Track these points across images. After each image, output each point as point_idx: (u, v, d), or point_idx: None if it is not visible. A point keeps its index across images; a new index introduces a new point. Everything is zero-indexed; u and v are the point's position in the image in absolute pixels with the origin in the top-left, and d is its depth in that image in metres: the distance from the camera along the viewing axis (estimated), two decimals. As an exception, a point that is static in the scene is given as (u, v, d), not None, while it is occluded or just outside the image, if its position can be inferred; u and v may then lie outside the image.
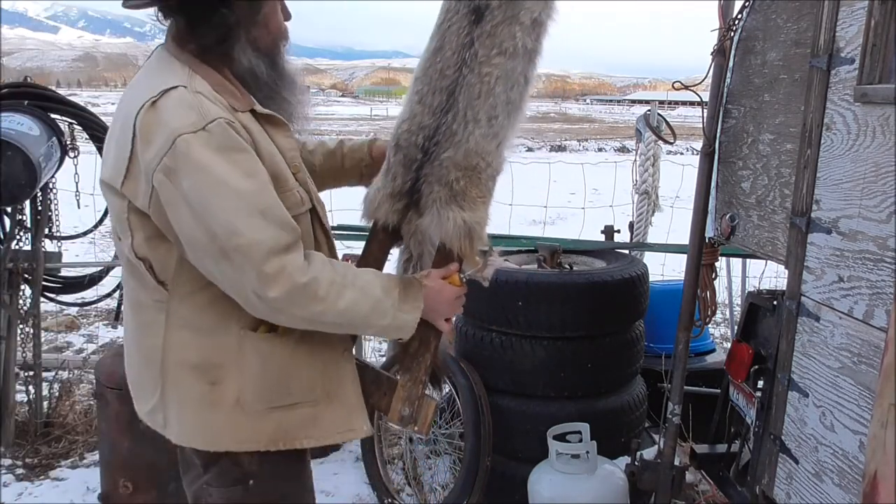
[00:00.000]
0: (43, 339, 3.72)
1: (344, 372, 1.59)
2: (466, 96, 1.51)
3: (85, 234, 4.05)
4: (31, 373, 3.50)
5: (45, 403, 3.54)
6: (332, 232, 1.66)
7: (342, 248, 2.51)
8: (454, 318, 1.66)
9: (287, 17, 1.55)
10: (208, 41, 1.43)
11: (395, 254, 1.76)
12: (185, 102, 1.35)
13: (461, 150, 1.52)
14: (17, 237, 3.48)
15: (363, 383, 1.64)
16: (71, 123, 3.60)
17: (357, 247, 2.58)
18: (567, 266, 3.04)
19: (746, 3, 2.23)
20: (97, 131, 3.66)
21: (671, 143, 2.87)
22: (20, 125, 3.23)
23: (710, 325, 3.42)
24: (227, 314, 1.45)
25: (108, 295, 4.17)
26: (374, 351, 4.51)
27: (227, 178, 1.33)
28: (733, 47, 2.27)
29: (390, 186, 1.60)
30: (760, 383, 2.16)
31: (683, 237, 2.59)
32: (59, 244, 3.77)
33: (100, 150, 3.72)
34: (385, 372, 1.71)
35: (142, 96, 1.37)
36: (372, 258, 1.71)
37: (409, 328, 1.52)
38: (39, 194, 3.51)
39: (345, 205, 2.42)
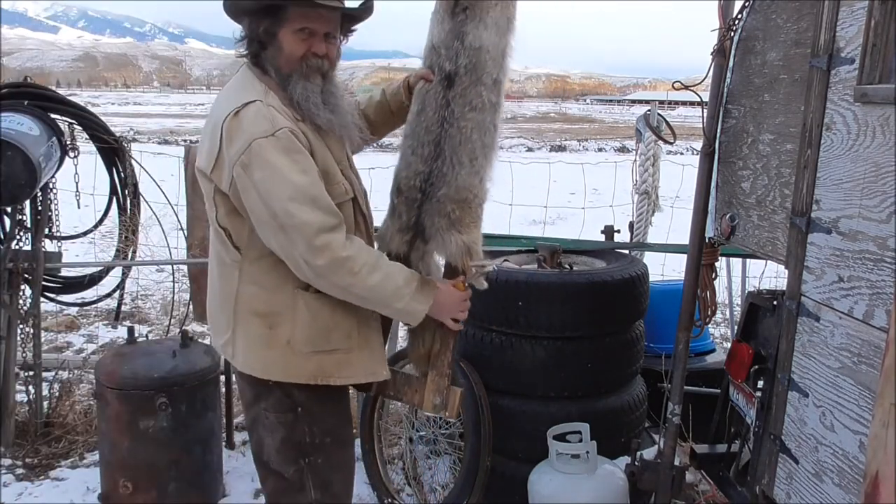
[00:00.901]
0: (43, 339, 3.72)
1: (373, 327, 1.96)
2: (450, 146, 1.89)
3: (85, 234, 4.06)
4: (31, 373, 3.50)
5: (45, 403, 3.55)
6: None
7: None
8: (462, 321, 1.99)
9: (317, 48, 1.83)
10: (251, 50, 1.84)
11: None
12: (261, 114, 1.74)
13: (453, 187, 1.89)
14: (17, 237, 3.48)
15: (396, 386, 2.06)
16: (71, 123, 3.60)
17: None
18: (567, 266, 3.04)
19: (746, 3, 2.23)
20: (97, 131, 3.66)
21: (671, 143, 2.87)
22: (20, 125, 3.23)
23: (710, 325, 3.42)
24: (285, 276, 1.83)
25: (108, 295, 4.17)
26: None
27: (287, 173, 1.71)
28: (733, 47, 2.27)
29: (398, 223, 1.96)
30: (760, 383, 2.16)
31: (683, 237, 2.59)
32: (59, 244, 3.77)
33: (100, 150, 3.75)
34: (414, 373, 2.08)
35: (228, 106, 1.77)
36: None
37: (418, 316, 1.88)
38: (39, 194, 3.51)
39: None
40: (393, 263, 1.87)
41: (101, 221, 3.97)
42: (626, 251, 3.39)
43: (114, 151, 3.76)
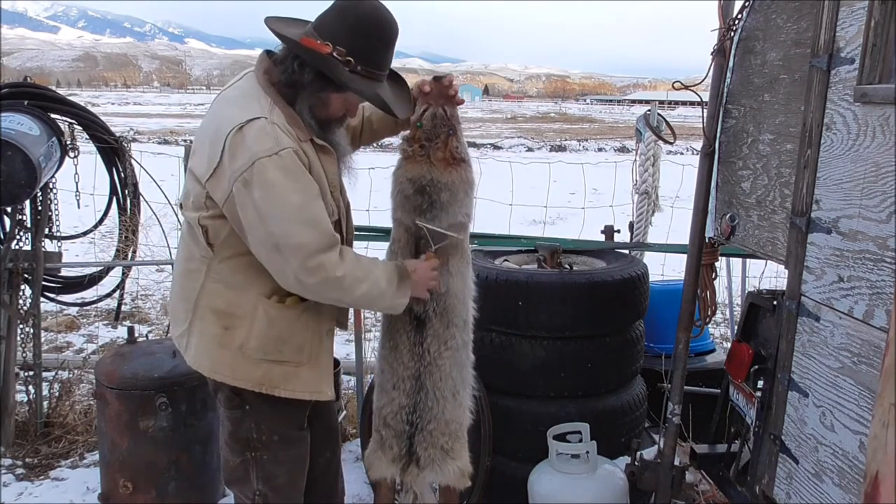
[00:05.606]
0: (43, 339, 3.72)
1: (324, 346, 2.04)
2: (431, 381, 2.07)
3: (85, 234, 4.05)
4: (31, 373, 3.50)
5: (45, 403, 3.55)
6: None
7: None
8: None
9: (352, 114, 1.97)
10: (280, 80, 1.85)
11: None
12: (265, 132, 1.77)
13: (442, 421, 2.09)
14: (17, 237, 3.48)
15: None
16: (71, 123, 3.59)
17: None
18: (567, 266, 3.04)
19: (746, 3, 2.23)
20: (97, 131, 3.66)
21: (671, 143, 2.87)
22: (20, 125, 3.22)
23: (710, 325, 3.42)
24: (251, 279, 1.90)
25: (108, 295, 4.16)
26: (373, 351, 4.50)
27: (287, 194, 1.75)
28: (733, 47, 2.27)
29: (390, 454, 2.13)
30: (760, 383, 2.16)
31: (683, 237, 2.59)
32: (59, 244, 3.77)
33: (100, 150, 3.75)
34: None
35: (233, 119, 1.78)
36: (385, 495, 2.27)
37: (399, 310, 1.98)
38: (39, 194, 3.50)
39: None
40: (374, 264, 1.94)
41: (101, 221, 3.96)
42: (626, 251, 3.39)
43: (114, 151, 3.75)
